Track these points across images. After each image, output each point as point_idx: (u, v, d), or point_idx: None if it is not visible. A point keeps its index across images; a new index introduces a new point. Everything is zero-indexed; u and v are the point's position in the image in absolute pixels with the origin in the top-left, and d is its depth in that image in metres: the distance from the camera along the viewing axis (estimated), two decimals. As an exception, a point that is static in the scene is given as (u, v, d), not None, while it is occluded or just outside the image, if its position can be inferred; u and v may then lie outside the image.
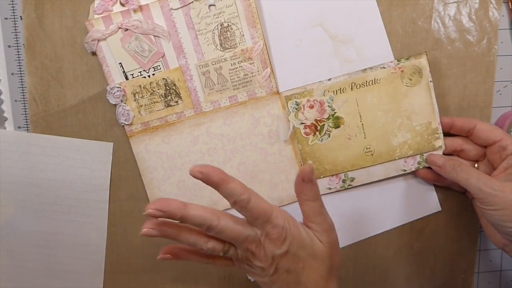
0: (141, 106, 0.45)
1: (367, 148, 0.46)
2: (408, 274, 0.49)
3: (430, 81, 0.45)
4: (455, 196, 0.48)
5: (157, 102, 0.45)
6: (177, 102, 0.45)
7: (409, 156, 0.46)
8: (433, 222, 0.49)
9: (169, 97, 0.45)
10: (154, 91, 0.45)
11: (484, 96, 0.47)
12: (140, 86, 0.45)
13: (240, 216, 0.37)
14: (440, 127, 0.45)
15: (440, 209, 0.48)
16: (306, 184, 0.37)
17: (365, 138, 0.46)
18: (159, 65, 0.44)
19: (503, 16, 0.46)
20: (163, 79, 0.45)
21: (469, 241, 0.50)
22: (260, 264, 0.37)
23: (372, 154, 0.46)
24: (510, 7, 0.46)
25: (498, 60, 0.47)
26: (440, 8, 0.46)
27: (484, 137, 0.43)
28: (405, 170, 0.47)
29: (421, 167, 0.46)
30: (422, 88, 0.45)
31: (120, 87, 0.44)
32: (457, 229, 0.49)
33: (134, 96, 0.45)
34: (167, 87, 0.45)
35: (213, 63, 0.44)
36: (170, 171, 0.46)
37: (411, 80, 0.45)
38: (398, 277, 0.50)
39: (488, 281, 0.51)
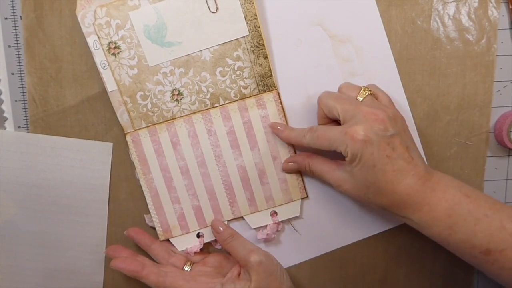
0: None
1: None
2: (408, 274, 0.49)
3: None
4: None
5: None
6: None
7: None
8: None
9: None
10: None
11: (484, 96, 0.47)
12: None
13: None
14: None
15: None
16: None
17: None
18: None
19: (502, 16, 0.46)
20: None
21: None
22: None
23: None
24: (510, 6, 0.46)
25: (498, 60, 0.47)
26: (440, 8, 0.46)
27: None
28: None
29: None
30: None
31: None
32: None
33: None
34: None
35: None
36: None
37: None
38: (398, 277, 0.49)
39: (488, 280, 0.51)
